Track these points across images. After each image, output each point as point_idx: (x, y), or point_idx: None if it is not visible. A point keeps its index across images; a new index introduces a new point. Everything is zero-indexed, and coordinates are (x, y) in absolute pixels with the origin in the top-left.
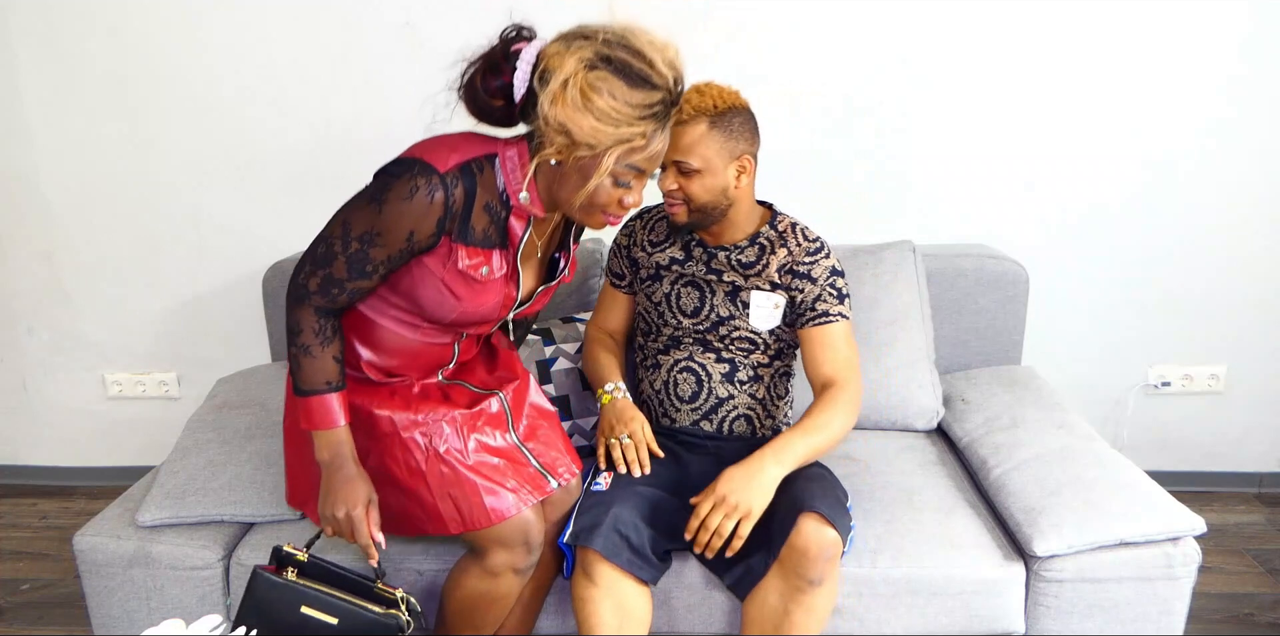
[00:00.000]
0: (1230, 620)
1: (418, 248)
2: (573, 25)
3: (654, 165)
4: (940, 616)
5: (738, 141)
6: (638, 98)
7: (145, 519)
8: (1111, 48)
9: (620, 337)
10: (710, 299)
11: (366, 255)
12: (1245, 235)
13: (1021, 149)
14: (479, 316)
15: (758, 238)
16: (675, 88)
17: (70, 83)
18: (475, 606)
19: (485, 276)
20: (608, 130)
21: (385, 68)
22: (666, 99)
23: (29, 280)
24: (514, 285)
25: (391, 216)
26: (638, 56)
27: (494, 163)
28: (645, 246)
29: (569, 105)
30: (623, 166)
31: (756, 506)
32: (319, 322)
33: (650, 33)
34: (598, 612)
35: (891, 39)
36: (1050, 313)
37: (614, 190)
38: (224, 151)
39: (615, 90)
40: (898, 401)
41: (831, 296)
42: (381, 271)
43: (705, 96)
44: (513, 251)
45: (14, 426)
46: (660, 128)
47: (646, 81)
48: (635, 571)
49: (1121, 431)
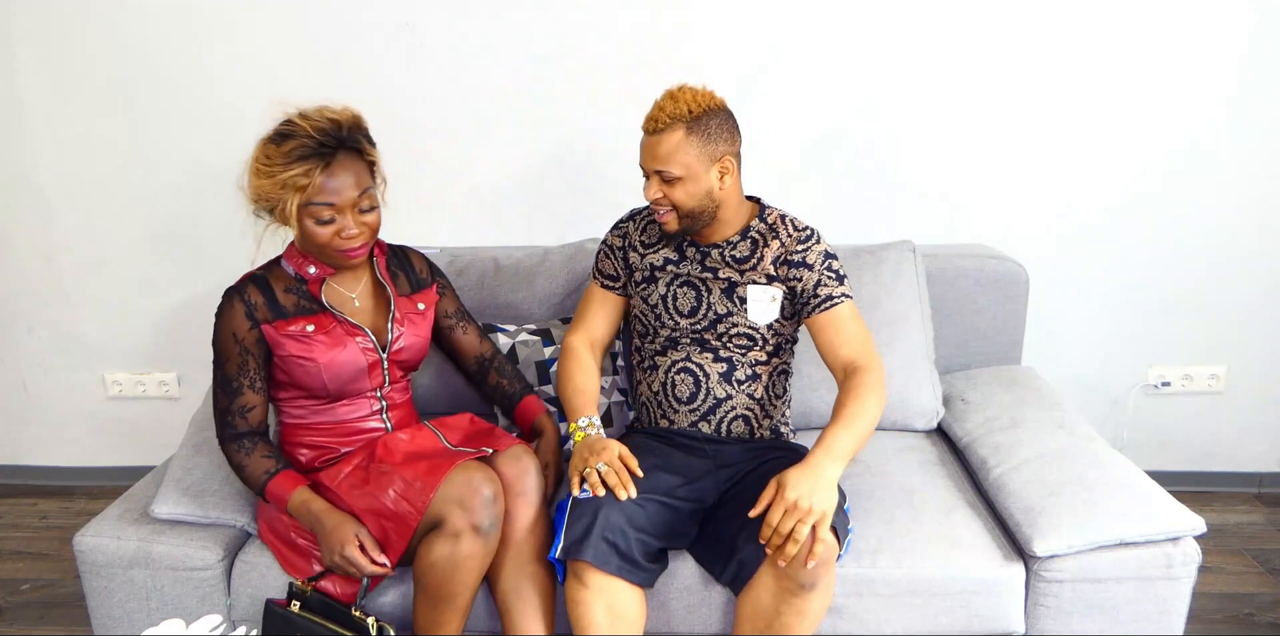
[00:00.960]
0: (1230, 620)
1: (250, 347)
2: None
3: (339, 196)
4: (940, 616)
5: (717, 144)
6: (283, 149)
7: (161, 511)
8: (1112, 48)
9: (602, 348)
10: (707, 297)
11: (224, 374)
12: (1245, 235)
13: (1022, 149)
14: (350, 367)
15: (748, 232)
16: (318, 131)
17: (70, 83)
18: (441, 572)
19: (312, 332)
20: (266, 183)
21: (384, 67)
22: (309, 142)
23: (29, 280)
24: (359, 330)
25: (219, 334)
26: (286, 123)
27: (280, 262)
28: (638, 247)
29: (245, 174)
30: (309, 205)
31: (829, 506)
32: (238, 445)
33: (309, 106)
34: (590, 614)
35: (892, 39)
36: (1050, 312)
37: (321, 229)
38: (224, 151)
39: (265, 150)
40: (898, 401)
41: (831, 279)
42: (246, 383)
43: (679, 102)
44: (328, 310)
45: (14, 426)
46: (318, 165)
47: (286, 136)
48: (626, 576)
49: (1121, 431)
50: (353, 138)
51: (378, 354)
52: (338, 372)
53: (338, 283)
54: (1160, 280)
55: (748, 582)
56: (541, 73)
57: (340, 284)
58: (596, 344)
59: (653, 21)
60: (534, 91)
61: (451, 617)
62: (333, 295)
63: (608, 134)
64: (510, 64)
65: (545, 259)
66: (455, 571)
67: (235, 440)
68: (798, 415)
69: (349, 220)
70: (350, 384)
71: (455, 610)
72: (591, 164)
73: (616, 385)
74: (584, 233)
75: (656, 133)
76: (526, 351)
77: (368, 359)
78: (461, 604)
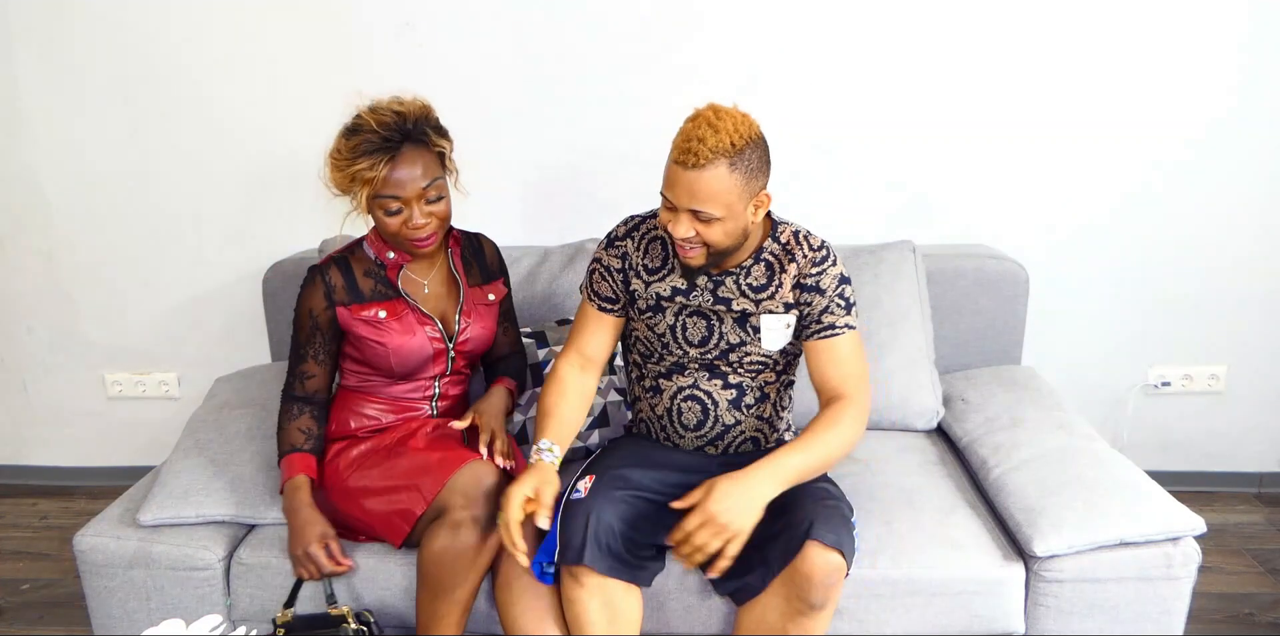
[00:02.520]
0: (1230, 620)
1: (322, 325)
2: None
3: (405, 189)
4: (940, 616)
5: (757, 178)
6: (351, 143)
7: (146, 518)
8: (1112, 48)
9: (599, 367)
10: (719, 326)
11: (296, 340)
12: (1245, 235)
13: (1022, 149)
14: (418, 355)
15: (761, 254)
16: (381, 125)
17: (70, 83)
18: (441, 562)
19: (385, 319)
20: (338, 176)
21: (385, 67)
22: (373, 137)
23: (29, 280)
24: (429, 319)
25: (299, 306)
26: (356, 117)
27: (362, 244)
28: (641, 273)
29: (324, 167)
30: (377, 198)
31: (747, 527)
32: (289, 406)
33: (385, 98)
34: (586, 613)
35: (893, 38)
36: (1050, 312)
37: (390, 219)
38: (224, 151)
39: (338, 144)
40: (898, 401)
41: (839, 308)
42: (310, 353)
43: (720, 133)
44: (402, 296)
45: (14, 426)
46: (383, 158)
47: (354, 130)
48: (620, 576)
49: (1121, 431)
50: (419, 129)
51: (444, 343)
52: (405, 358)
53: (413, 269)
54: (1160, 280)
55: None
56: (542, 73)
57: (415, 271)
58: (592, 364)
59: (653, 21)
60: (534, 91)
61: (451, 609)
62: (407, 281)
63: (608, 134)
64: (510, 64)
65: (545, 259)
66: (455, 561)
67: (290, 401)
68: (799, 415)
69: (416, 211)
70: (415, 369)
71: (454, 602)
72: (592, 164)
73: (613, 385)
74: (584, 233)
75: (696, 168)
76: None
77: (434, 347)
78: (461, 596)
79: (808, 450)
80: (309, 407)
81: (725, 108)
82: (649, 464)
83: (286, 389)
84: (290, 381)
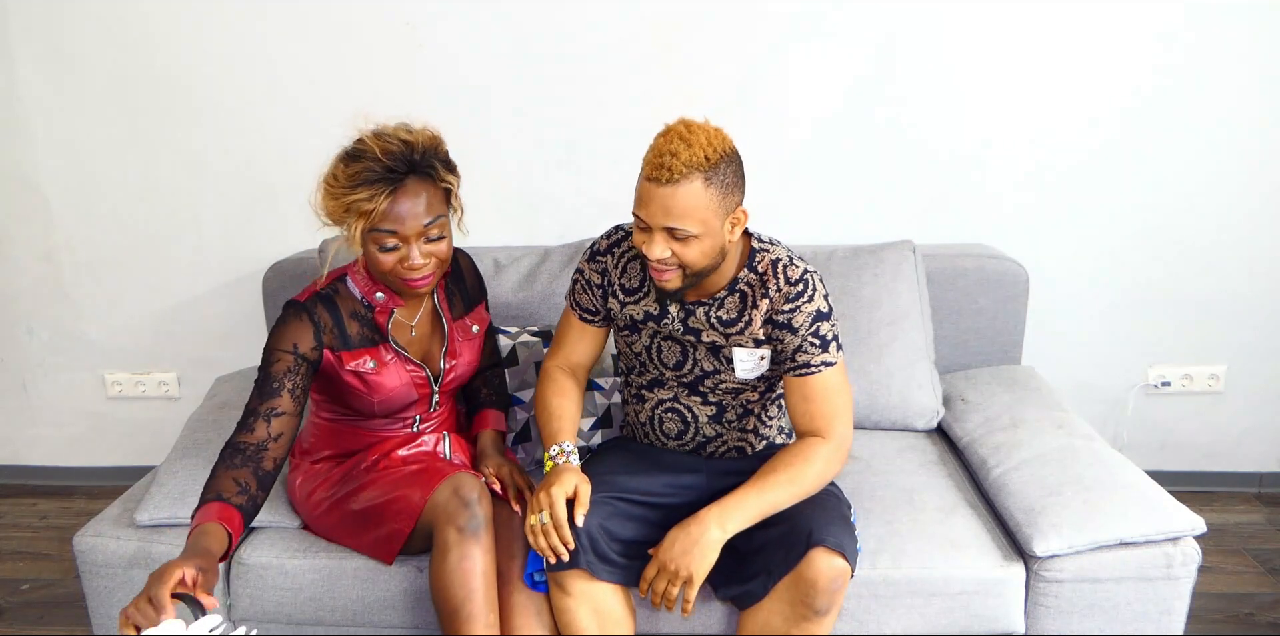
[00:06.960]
0: (1230, 620)
1: (307, 357)
2: None
3: (404, 225)
4: (940, 617)
5: (733, 194)
6: (350, 170)
7: (143, 518)
8: (1112, 48)
9: (584, 373)
10: (693, 353)
11: (267, 374)
12: (1245, 235)
13: (1022, 149)
14: (402, 400)
15: (736, 284)
16: (386, 154)
17: (70, 83)
18: (447, 588)
19: (374, 369)
20: (332, 204)
21: (385, 68)
22: (375, 167)
23: (29, 280)
24: (414, 364)
25: (278, 340)
26: (358, 141)
27: (345, 281)
28: (618, 293)
29: (316, 192)
30: (373, 232)
31: (698, 573)
32: (232, 453)
33: (391, 123)
34: (576, 621)
35: (893, 38)
36: (1050, 312)
37: (385, 256)
38: (224, 151)
39: (335, 169)
40: (898, 401)
41: (813, 346)
42: (288, 385)
43: (694, 147)
44: (389, 341)
45: (14, 426)
46: (384, 190)
47: (355, 156)
48: (606, 577)
49: (1121, 431)
50: (426, 162)
51: (430, 386)
52: (388, 402)
53: (401, 312)
54: (1160, 280)
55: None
56: (542, 73)
57: (403, 314)
58: (579, 368)
59: (653, 21)
60: (534, 91)
61: (469, 625)
62: (395, 326)
63: (608, 134)
64: (511, 64)
65: (545, 259)
66: (450, 576)
67: (235, 449)
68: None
69: (414, 250)
70: (397, 410)
71: (467, 618)
72: (592, 164)
73: (616, 387)
74: (584, 233)
75: (671, 184)
76: (527, 352)
77: (419, 392)
78: (473, 609)
79: (765, 490)
80: (249, 464)
81: (697, 122)
82: (639, 467)
83: (234, 434)
84: (247, 423)
